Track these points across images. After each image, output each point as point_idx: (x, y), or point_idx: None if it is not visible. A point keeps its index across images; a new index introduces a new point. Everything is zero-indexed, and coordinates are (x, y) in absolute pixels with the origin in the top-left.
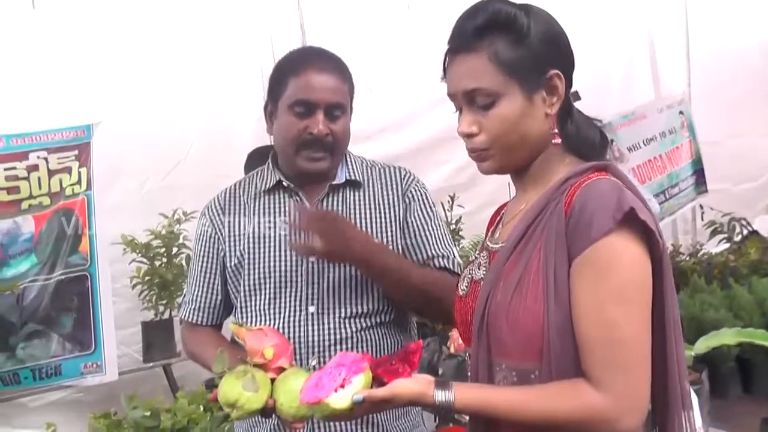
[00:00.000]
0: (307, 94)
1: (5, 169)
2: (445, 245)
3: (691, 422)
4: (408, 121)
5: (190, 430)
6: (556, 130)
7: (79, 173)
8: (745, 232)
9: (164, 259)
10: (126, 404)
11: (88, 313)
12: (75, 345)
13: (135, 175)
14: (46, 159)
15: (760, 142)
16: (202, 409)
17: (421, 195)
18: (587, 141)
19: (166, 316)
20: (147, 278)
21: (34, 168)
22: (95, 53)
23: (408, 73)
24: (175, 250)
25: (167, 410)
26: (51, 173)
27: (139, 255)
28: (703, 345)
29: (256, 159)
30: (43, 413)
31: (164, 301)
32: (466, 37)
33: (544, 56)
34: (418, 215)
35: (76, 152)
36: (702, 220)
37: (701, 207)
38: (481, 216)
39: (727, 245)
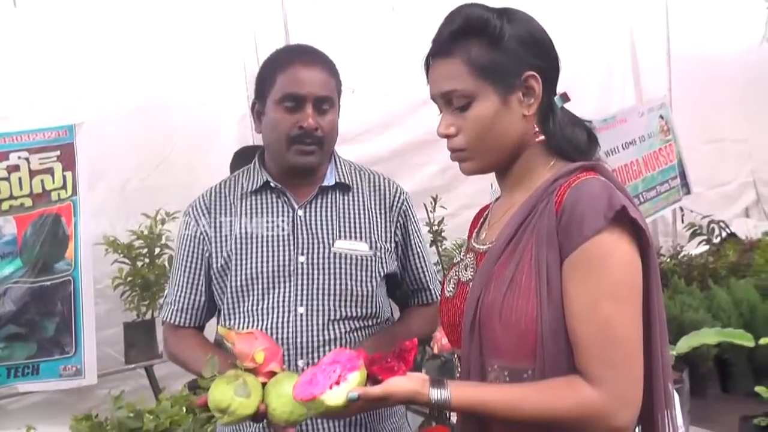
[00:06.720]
0: (296, 88)
1: None
2: (432, 274)
3: (674, 421)
4: (391, 123)
5: (173, 431)
6: (537, 130)
7: (64, 177)
8: (723, 234)
9: (146, 260)
10: (112, 403)
11: (70, 316)
12: (55, 348)
13: (117, 174)
14: (27, 159)
15: (736, 147)
16: (184, 410)
17: (413, 215)
18: (572, 141)
19: (148, 316)
20: (129, 279)
21: (15, 168)
22: (77, 52)
23: (391, 75)
24: (157, 250)
25: (150, 411)
26: (32, 174)
27: (121, 255)
28: (685, 344)
29: (241, 159)
30: (23, 415)
31: (146, 302)
32: (443, 41)
33: (519, 58)
34: (416, 241)
35: (58, 153)
36: (682, 222)
37: (681, 210)
38: (462, 217)
39: (707, 247)
